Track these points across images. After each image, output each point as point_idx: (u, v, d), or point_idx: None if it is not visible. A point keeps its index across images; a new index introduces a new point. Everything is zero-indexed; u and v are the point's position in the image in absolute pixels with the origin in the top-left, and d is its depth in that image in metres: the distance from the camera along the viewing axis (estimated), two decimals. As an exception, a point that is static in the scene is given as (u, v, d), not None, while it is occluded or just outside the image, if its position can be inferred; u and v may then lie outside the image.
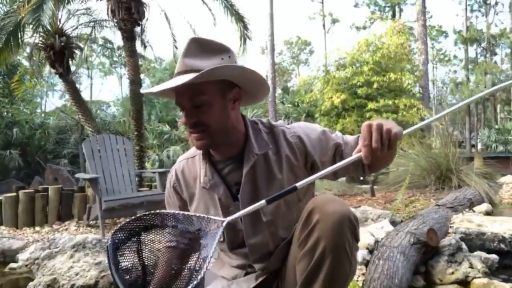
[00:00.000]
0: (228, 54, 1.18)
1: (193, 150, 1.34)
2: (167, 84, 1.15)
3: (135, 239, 1.02)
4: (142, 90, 1.28)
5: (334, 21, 27.97)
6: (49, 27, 5.80)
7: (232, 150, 1.25)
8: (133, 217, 1.03)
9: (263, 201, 1.00)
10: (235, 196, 1.24)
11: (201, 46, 1.17)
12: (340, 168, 1.04)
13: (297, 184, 1.00)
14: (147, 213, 1.03)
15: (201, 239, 0.99)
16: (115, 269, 0.95)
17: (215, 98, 1.16)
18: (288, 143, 1.24)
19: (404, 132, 0.99)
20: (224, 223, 0.99)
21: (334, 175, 1.29)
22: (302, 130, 1.26)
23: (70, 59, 6.97)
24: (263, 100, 1.55)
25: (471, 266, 2.28)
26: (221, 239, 1.29)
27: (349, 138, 1.25)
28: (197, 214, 1.05)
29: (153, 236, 1.04)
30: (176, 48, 8.28)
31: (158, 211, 1.03)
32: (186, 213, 1.06)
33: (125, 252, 1.00)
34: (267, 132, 1.27)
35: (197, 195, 1.31)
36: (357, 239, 1.10)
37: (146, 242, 1.04)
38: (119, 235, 1.00)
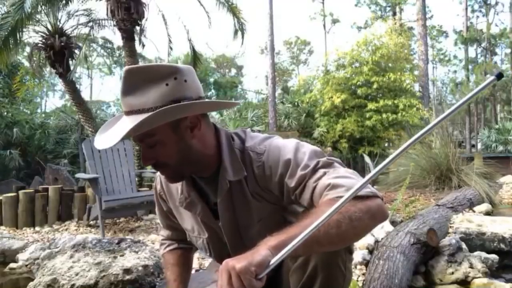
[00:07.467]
0: (173, 76, 1.02)
1: None
2: (108, 140, 1.05)
3: None
4: (96, 145, 1.10)
5: (335, 21, 27.95)
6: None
7: (206, 172, 1.16)
8: None
9: None
10: (217, 215, 1.18)
11: (138, 77, 1.02)
12: None
13: None
14: None
15: None
16: None
17: (167, 135, 1.04)
18: (253, 173, 1.13)
19: (272, 261, 0.76)
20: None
21: None
22: (268, 160, 1.10)
23: (70, 59, 6.98)
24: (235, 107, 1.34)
25: (471, 266, 2.28)
26: (208, 254, 1.27)
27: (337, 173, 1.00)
28: None
29: None
30: (171, 49, 8.25)
31: None
32: None
33: None
34: (241, 151, 1.14)
35: (181, 208, 1.26)
36: (350, 252, 1.08)
37: None
38: None
